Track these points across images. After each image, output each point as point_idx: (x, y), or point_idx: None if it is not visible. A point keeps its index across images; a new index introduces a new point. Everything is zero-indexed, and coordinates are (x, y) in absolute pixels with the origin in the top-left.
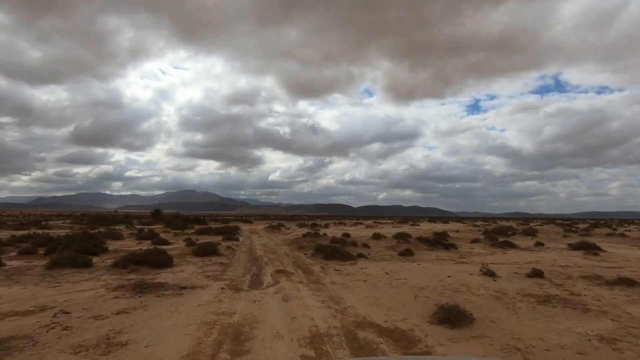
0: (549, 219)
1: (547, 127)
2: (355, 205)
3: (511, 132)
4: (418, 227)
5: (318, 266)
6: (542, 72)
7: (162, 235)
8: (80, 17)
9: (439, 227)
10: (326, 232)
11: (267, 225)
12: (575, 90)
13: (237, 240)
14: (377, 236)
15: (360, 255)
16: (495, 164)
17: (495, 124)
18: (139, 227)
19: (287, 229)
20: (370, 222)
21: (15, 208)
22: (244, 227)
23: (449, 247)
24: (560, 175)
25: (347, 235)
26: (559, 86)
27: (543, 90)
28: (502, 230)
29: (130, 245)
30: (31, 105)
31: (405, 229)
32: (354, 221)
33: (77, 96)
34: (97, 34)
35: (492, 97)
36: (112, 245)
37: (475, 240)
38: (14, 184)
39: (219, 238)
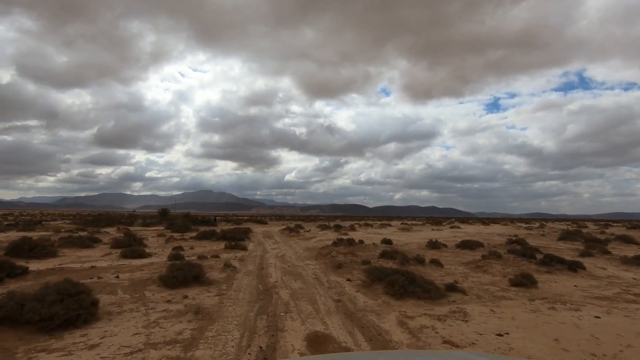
0: (574, 220)
1: (570, 125)
2: (370, 206)
3: (532, 130)
4: (459, 229)
5: (392, 318)
6: (566, 69)
7: (151, 240)
8: (103, 22)
9: (482, 229)
10: (355, 235)
11: (284, 227)
12: (600, 87)
13: (245, 249)
14: (434, 245)
15: (451, 288)
16: (515, 164)
17: (516, 123)
18: (134, 228)
19: (307, 231)
20: (398, 223)
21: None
22: (257, 229)
23: (574, 267)
24: (584, 174)
25: (387, 242)
26: (583, 83)
27: (566, 88)
28: (585, 236)
29: (90, 258)
30: (57, 108)
31: (449, 232)
32: (379, 222)
33: (100, 99)
34: (120, 38)
35: (513, 95)
36: (47, 262)
37: (586, 254)
38: (41, 184)
39: (221, 246)
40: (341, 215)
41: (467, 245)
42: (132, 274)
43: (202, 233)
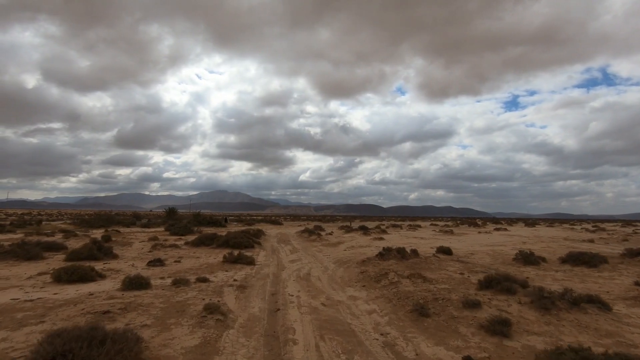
0: (597, 221)
1: (593, 123)
2: (385, 206)
3: (553, 128)
4: (507, 231)
5: None
6: (588, 65)
7: (134, 247)
8: (123, 26)
9: (533, 232)
10: (391, 240)
11: (301, 228)
12: (625, 83)
13: (252, 263)
14: (528, 258)
15: None
16: (534, 163)
17: (535, 121)
18: (129, 230)
19: (329, 234)
20: (426, 224)
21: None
22: (271, 231)
23: None
24: (607, 173)
25: (445, 251)
26: (607, 79)
27: (589, 84)
28: None
29: (8, 281)
30: (79, 111)
31: (501, 236)
32: (404, 222)
33: (120, 102)
34: (139, 42)
35: (532, 93)
36: None
37: None
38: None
39: (220, 256)
40: (357, 215)
41: (578, 258)
42: (13, 333)
43: (200, 237)
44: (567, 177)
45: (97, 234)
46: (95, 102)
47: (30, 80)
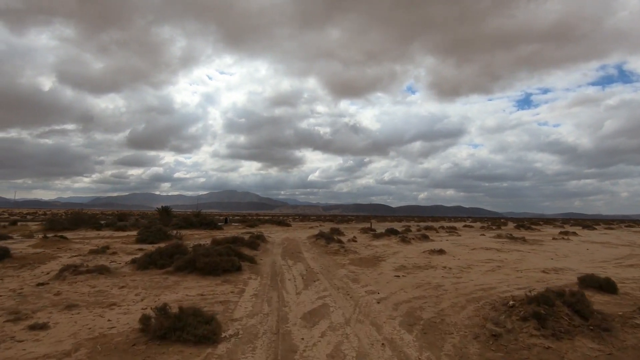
0: (611, 220)
1: (608, 121)
2: (394, 205)
3: (566, 127)
4: (578, 236)
5: None
6: (604, 62)
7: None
8: (136, 28)
9: (607, 236)
10: (448, 251)
11: (313, 231)
12: None
13: (212, 335)
14: None
15: None
16: (547, 162)
17: (548, 119)
18: (89, 235)
19: (352, 240)
20: (460, 224)
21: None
22: (276, 235)
23: None
24: (622, 172)
25: (603, 286)
26: (623, 76)
27: (604, 81)
28: None
29: None
30: (92, 112)
31: (578, 244)
32: (433, 223)
33: (132, 103)
34: (152, 44)
35: (546, 91)
36: None
37: None
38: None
39: (154, 299)
40: (365, 215)
41: None
42: None
43: (152, 255)
44: (581, 176)
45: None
46: (108, 103)
47: (47, 83)
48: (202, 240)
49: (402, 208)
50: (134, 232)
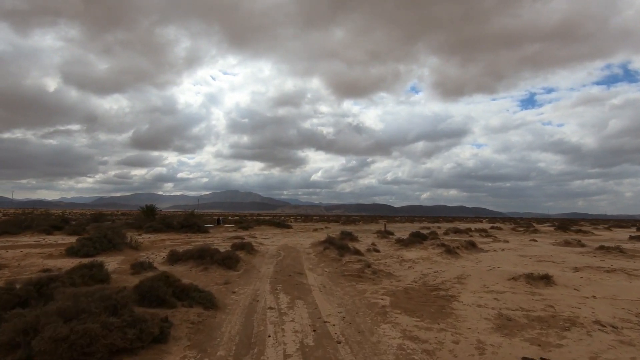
0: (615, 220)
1: (612, 121)
2: (396, 205)
3: (570, 126)
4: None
5: None
6: (609, 61)
7: None
8: (141, 29)
9: None
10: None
11: (319, 235)
12: None
13: None
14: None
15: None
16: (550, 162)
17: (552, 119)
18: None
19: (373, 249)
20: (483, 225)
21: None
22: (272, 240)
23: None
24: (626, 172)
25: None
26: (628, 75)
27: (609, 81)
28: None
29: None
30: (96, 113)
31: None
32: (462, 224)
33: (136, 103)
34: (156, 44)
35: (550, 90)
36: None
37: None
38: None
39: None
40: (367, 215)
41: None
42: None
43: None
44: (585, 176)
45: None
46: (112, 104)
47: (52, 84)
48: (178, 247)
49: (405, 208)
50: (75, 237)
